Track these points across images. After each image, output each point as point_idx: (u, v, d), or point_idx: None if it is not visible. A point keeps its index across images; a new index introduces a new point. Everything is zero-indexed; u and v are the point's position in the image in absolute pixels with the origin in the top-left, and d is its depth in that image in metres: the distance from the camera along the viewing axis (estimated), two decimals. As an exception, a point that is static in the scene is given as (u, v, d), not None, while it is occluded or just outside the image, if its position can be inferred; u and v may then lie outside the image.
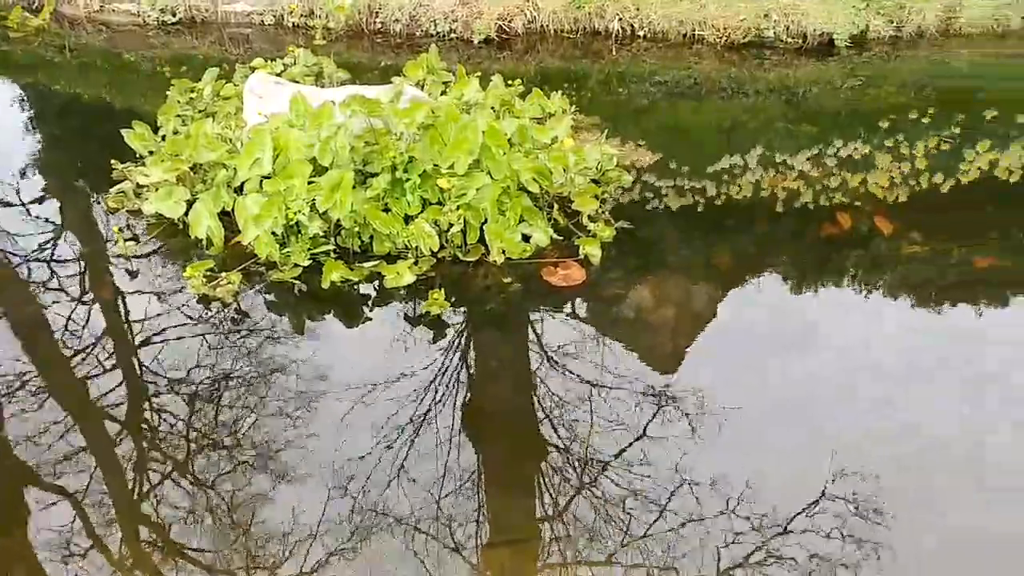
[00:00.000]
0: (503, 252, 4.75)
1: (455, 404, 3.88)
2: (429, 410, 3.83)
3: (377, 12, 8.41)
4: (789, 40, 7.95)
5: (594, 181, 5.37)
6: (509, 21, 8.24)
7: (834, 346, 4.24)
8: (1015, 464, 3.56)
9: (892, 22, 8.09)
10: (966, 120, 6.69)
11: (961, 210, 5.50)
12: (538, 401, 3.94)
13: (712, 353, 4.23)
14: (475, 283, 4.66)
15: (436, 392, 3.94)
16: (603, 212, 5.22)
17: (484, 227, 4.78)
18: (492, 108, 5.78)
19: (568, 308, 4.55)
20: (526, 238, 4.88)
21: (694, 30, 8.06)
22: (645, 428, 3.71)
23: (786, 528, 3.23)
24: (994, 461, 3.56)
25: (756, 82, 7.42)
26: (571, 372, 4.09)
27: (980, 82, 7.48)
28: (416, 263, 4.67)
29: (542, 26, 8.31)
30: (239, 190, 4.95)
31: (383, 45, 8.33)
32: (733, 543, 3.19)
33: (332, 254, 4.70)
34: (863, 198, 5.54)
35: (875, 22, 8.03)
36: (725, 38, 7.98)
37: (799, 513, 3.29)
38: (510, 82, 6.29)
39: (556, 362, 4.16)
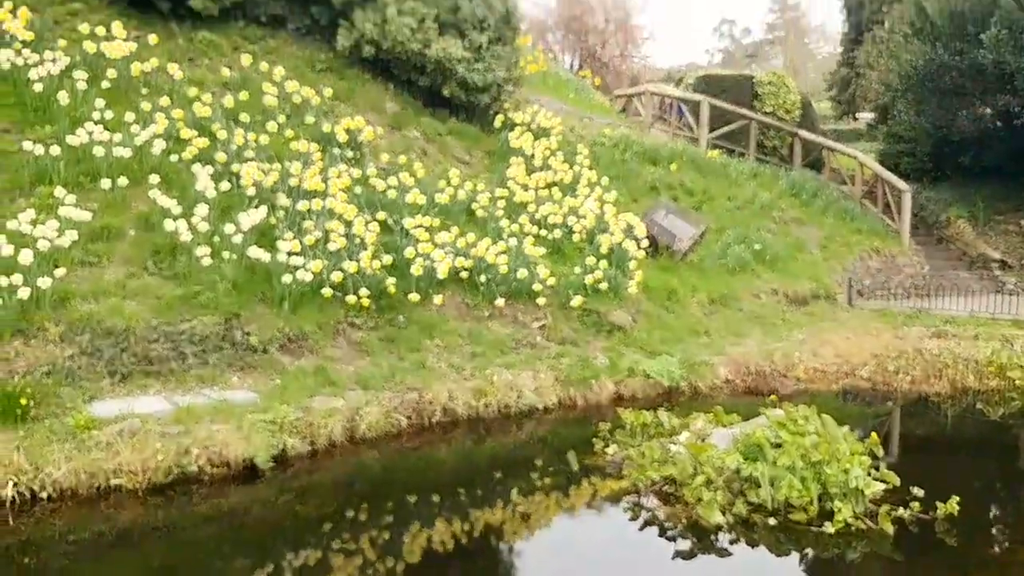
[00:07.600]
0: None
1: None
2: None
3: None
4: (214, 471, 7.87)
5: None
6: None
7: None
8: None
9: (306, 438, 8.73)
10: (395, 507, 7.32)
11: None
12: None
13: None
14: None
15: None
16: None
17: None
18: None
19: None
20: None
21: (108, 480, 7.42)
22: None
23: None
24: None
25: (192, 517, 7.02)
26: None
27: (397, 474, 8.39)
28: None
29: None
30: None
31: None
32: None
33: None
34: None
35: (291, 441, 8.55)
36: (146, 481, 7.51)
37: None
38: None
39: None
